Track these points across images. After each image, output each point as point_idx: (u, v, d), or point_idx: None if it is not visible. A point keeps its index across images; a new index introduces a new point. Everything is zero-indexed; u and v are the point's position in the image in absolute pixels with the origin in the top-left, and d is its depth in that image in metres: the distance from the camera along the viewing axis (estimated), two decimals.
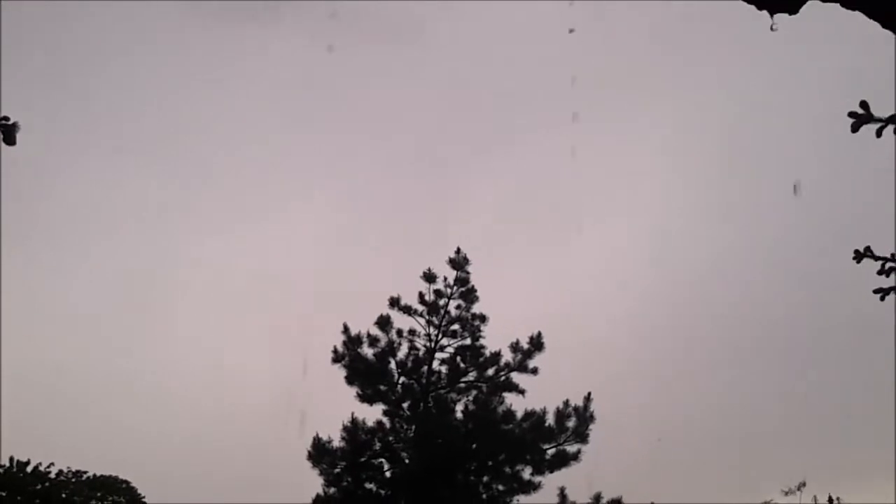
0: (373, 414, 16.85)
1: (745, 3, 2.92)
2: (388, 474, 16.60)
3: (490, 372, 17.43)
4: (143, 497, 32.04)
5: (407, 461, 16.56)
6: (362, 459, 16.34)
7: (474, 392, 17.23)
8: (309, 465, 16.19)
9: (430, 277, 17.85)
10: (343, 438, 16.30)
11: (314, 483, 16.30)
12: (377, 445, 16.50)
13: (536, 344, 17.25)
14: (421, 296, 17.78)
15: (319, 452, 16.13)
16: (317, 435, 16.25)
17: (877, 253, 7.27)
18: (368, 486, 16.40)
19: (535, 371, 17.19)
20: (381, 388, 16.92)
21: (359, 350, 17.10)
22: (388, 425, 16.71)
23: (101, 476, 31.77)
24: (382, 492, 16.43)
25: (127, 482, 32.00)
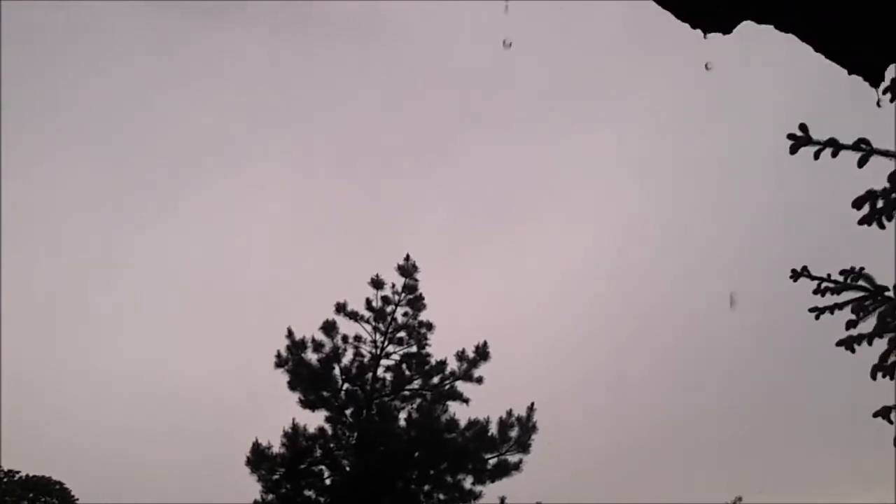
0: (315, 420, 16.65)
1: (679, 21, 2.90)
2: (328, 482, 16.38)
3: (435, 380, 17.35)
4: (77, 499, 31.27)
5: (348, 468, 16.36)
6: (302, 466, 16.10)
7: (418, 400, 17.13)
8: (247, 470, 15.94)
9: (377, 284, 17.72)
10: (283, 444, 16.04)
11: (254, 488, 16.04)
12: (318, 452, 16.27)
13: (482, 353, 17.23)
14: (368, 302, 17.64)
15: (258, 458, 15.85)
16: (256, 440, 16.00)
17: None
18: (308, 493, 16.15)
19: (479, 380, 17.17)
20: (324, 394, 16.70)
21: (302, 355, 16.87)
22: (329, 432, 16.50)
23: (35, 476, 30.93)
24: (322, 499, 16.20)
25: (60, 483, 31.19)
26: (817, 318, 7.40)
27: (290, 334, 17.11)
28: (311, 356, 16.95)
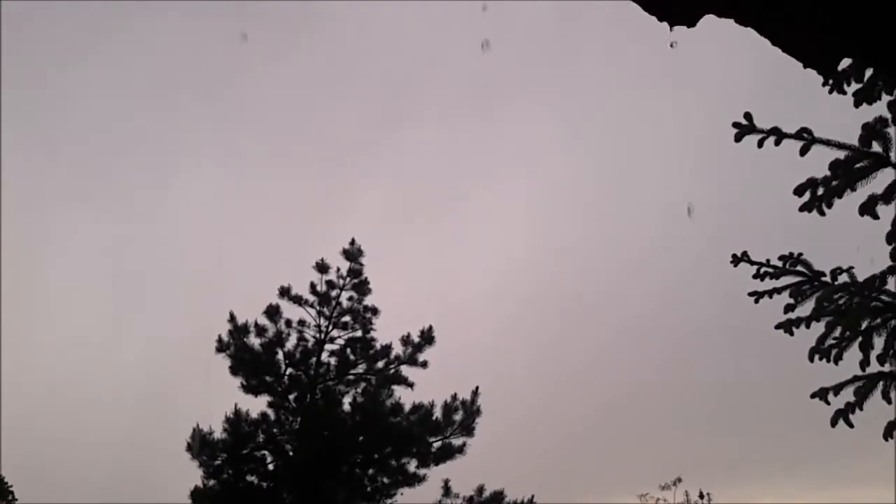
0: (258, 405, 16.53)
1: (647, 14, 2.97)
2: (271, 467, 16.30)
3: (380, 364, 17.37)
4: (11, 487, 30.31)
5: (291, 454, 16.30)
6: (245, 451, 15.98)
7: (363, 384, 17.14)
8: (188, 456, 15.77)
9: (322, 268, 17.61)
10: (225, 430, 15.89)
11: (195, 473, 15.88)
12: (261, 437, 16.16)
13: (427, 338, 17.31)
14: (312, 286, 17.53)
15: (199, 443, 15.66)
16: (197, 425, 15.80)
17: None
18: (250, 478, 16.04)
19: (424, 364, 17.25)
20: (267, 379, 16.57)
21: (245, 340, 16.69)
22: (273, 417, 16.39)
23: None
24: (264, 484, 16.12)
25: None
26: (756, 301, 7.67)
27: (232, 318, 16.90)
28: (254, 341, 16.81)
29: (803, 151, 5.96)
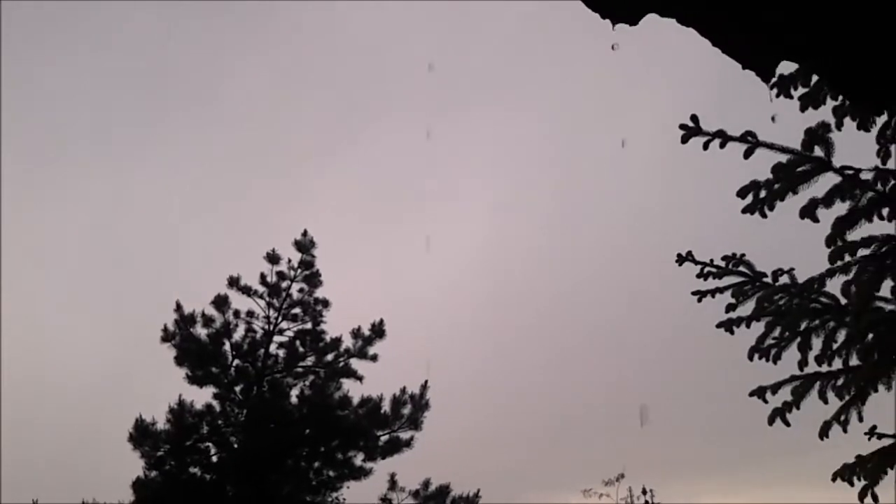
0: (203, 397, 16.28)
1: (590, 11, 2.96)
2: (215, 459, 16.07)
3: (329, 357, 17.22)
4: None
5: (236, 446, 16.10)
6: (188, 443, 15.73)
7: (312, 377, 17.00)
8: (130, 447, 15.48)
9: (273, 258, 17.40)
10: (168, 421, 15.63)
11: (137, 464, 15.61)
12: (205, 429, 15.91)
13: (378, 331, 17.22)
14: (262, 277, 17.31)
15: (141, 434, 15.38)
16: (139, 416, 15.51)
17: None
18: (193, 470, 15.80)
19: (374, 358, 17.15)
20: (213, 370, 16.31)
21: (191, 330, 16.42)
22: (218, 409, 16.14)
23: None
24: (208, 476, 15.89)
25: None
26: (699, 300, 7.77)
27: (178, 308, 16.61)
28: (201, 331, 16.54)
29: (747, 154, 6.05)
